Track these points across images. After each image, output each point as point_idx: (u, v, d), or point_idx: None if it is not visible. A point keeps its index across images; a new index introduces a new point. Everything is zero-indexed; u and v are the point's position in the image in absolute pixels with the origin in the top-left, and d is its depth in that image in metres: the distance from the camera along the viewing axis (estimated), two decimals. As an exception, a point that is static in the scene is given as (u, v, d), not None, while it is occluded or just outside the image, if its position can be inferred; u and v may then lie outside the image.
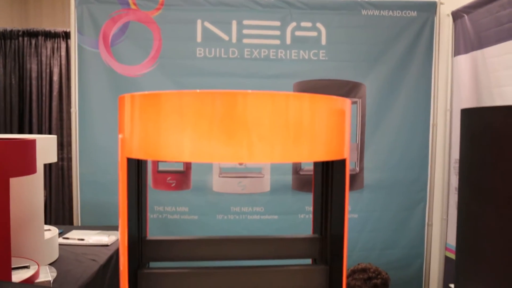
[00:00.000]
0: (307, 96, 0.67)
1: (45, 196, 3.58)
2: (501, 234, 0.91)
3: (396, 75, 2.84)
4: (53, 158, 1.72)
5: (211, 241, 0.90)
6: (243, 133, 0.63)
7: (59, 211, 3.72)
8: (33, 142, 1.28)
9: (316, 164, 0.94)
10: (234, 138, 0.63)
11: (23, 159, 1.22)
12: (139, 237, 0.87)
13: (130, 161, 0.74)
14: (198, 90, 0.64)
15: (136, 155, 0.69)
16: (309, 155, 0.67)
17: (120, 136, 0.72)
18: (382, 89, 2.83)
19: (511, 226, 0.89)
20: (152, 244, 0.89)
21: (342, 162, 0.77)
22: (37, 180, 1.68)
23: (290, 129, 0.65)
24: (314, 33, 2.79)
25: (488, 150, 0.94)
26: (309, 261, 0.97)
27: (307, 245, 0.92)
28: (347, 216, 0.79)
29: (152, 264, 0.91)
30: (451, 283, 1.12)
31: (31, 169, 1.26)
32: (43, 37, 3.36)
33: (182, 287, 0.82)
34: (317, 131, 0.67)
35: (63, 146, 3.65)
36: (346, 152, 0.75)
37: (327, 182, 0.87)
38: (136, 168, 0.82)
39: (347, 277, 2.05)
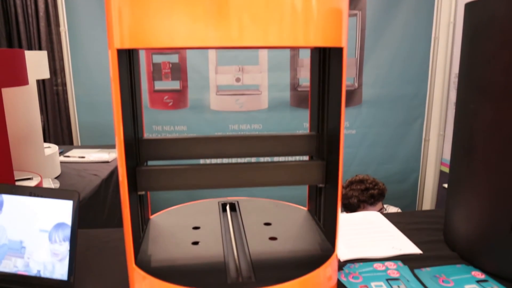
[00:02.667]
0: (303, -25, 0.63)
1: (42, 122, 3.58)
2: (497, 129, 0.91)
3: (399, -15, 2.71)
4: (45, 73, 1.69)
5: (208, 140, 0.90)
6: (235, 14, 0.60)
7: (58, 136, 3.74)
8: (21, 52, 1.25)
9: (313, 56, 0.91)
10: (226, 20, 0.60)
11: (13, 69, 1.19)
12: (136, 136, 0.87)
13: (120, 53, 0.71)
14: (186, -31, 0.60)
15: (126, 44, 0.66)
16: (305, 39, 0.64)
17: (107, 26, 0.69)
18: (383, 0, 2.71)
19: (507, 121, 0.89)
20: (149, 143, 0.89)
21: (339, 51, 0.74)
22: (31, 96, 1.66)
23: (285, 10, 0.61)
24: None
25: (490, 43, 0.91)
26: (306, 158, 0.98)
27: (304, 142, 0.92)
28: (343, 110, 0.78)
29: (150, 164, 0.92)
30: (445, 197, 1.14)
31: (23, 80, 1.23)
32: (22, -50, 3.15)
33: (181, 182, 0.84)
34: (314, 14, 0.64)
35: (56, 72, 3.58)
36: (343, 40, 0.72)
37: (323, 75, 0.85)
38: (128, 61, 0.80)
39: (345, 187, 2.11)
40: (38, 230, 0.87)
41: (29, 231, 0.88)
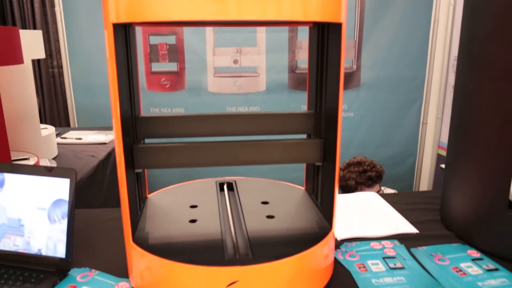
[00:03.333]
0: None
1: (39, 104, 3.55)
2: (496, 108, 0.90)
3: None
4: (40, 53, 1.67)
5: (205, 118, 0.89)
6: (233, -14, 0.58)
7: (54, 118, 3.71)
8: (16, 30, 1.23)
9: (311, 34, 0.90)
10: (224, -8, 0.59)
11: (8, 47, 1.17)
12: (133, 114, 0.86)
13: (116, 28, 0.70)
14: None
15: (122, 18, 0.65)
16: (304, 13, 0.63)
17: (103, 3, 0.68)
18: (383, -19, 2.68)
19: (506, 100, 0.88)
20: (146, 121, 0.88)
21: (338, 27, 0.73)
22: (27, 76, 1.65)
23: (284, -17, 0.60)
24: None
25: (490, 20, 0.90)
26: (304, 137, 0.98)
27: (302, 120, 0.92)
28: (341, 88, 0.77)
29: (148, 142, 0.92)
30: (442, 179, 1.14)
31: (18, 59, 1.21)
32: None
33: (178, 160, 0.83)
34: (313, -12, 0.63)
35: (52, 54, 3.54)
36: (342, 16, 0.71)
37: (322, 52, 0.85)
38: (124, 38, 0.79)
39: (343, 169, 2.11)
40: (36, 209, 0.87)
41: (28, 209, 0.88)
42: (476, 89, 0.95)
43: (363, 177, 2.04)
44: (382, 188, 2.22)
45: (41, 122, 1.86)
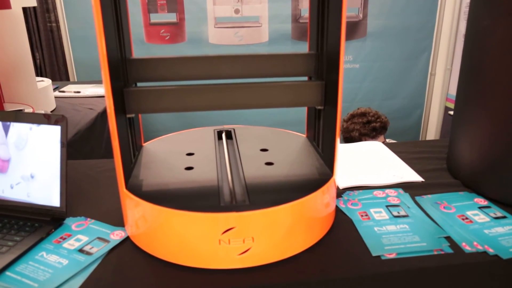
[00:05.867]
0: None
1: (39, 59, 3.49)
2: (510, 48, 0.84)
3: None
4: (31, 0, 1.59)
5: (201, 59, 0.84)
6: None
7: (55, 74, 3.66)
8: (0, -29, 1.16)
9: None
10: None
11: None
12: (122, 55, 0.81)
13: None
14: None
15: None
16: None
17: None
18: None
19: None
20: (137, 63, 0.83)
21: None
22: (18, 26, 1.58)
23: None
24: None
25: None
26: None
27: (303, 61, 0.86)
28: (344, 25, 0.71)
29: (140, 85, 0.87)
30: (448, 132, 1.09)
31: (4, 3, 1.15)
32: None
33: (171, 104, 0.79)
34: None
35: (49, 9, 3.44)
36: None
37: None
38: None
39: (346, 121, 2.06)
40: (27, 157, 0.84)
41: (19, 158, 0.85)
42: (490, 26, 0.88)
43: (367, 128, 1.99)
44: (387, 140, 2.17)
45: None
